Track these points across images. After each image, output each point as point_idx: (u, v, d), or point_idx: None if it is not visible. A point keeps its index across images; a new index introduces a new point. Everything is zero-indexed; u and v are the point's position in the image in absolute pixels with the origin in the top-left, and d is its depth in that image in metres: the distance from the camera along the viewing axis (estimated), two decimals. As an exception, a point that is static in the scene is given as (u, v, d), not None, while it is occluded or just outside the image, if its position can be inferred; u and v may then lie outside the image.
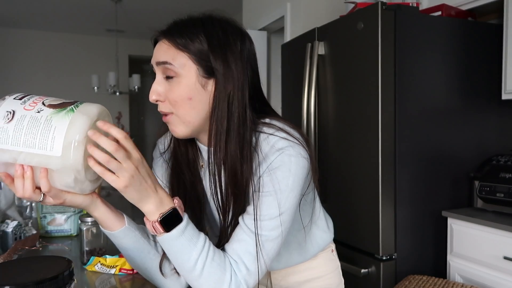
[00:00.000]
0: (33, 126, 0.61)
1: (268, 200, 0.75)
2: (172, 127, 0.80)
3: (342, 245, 1.85)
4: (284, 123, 0.82)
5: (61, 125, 0.61)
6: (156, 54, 0.79)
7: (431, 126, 1.78)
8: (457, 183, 1.86)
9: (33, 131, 0.61)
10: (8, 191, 1.31)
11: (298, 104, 2.06)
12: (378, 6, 1.65)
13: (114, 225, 0.77)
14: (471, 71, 1.88)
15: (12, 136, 0.61)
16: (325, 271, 1.02)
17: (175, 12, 0.85)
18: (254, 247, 0.74)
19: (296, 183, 0.76)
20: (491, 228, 1.59)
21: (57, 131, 0.61)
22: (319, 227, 0.99)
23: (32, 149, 0.61)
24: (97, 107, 0.67)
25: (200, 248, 0.72)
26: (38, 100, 0.65)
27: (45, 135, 0.61)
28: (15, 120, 0.62)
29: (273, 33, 3.48)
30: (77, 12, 4.98)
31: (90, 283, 0.93)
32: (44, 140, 0.61)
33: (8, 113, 0.62)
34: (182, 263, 0.72)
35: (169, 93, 0.77)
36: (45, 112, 0.62)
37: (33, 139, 0.61)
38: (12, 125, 0.61)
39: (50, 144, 0.61)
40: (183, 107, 0.77)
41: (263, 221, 0.74)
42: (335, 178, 1.92)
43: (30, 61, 5.72)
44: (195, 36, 0.77)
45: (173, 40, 0.77)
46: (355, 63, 1.78)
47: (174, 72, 0.76)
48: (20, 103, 0.64)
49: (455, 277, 1.75)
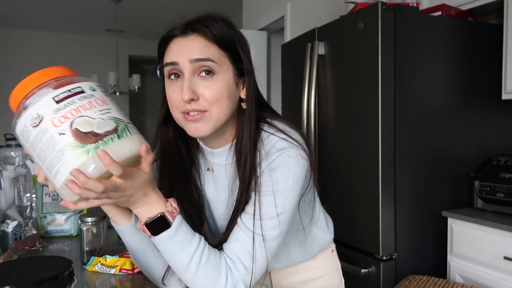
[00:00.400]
0: (48, 148, 0.59)
1: (267, 200, 0.75)
2: (200, 125, 0.76)
3: (342, 245, 1.85)
4: (285, 123, 0.83)
5: (68, 164, 0.58)
6: (194, 50, 0.75)
7: (431, 126, 1.78)
8: (457, 183, 1.86)
9: (47, 152, 0.59)
10: (8, 191, 1.31)
11: (298, 104, 2.06)
12: (378, 6, 1.65)
13: (120, 220, 0.78)
14: (471, 71, 1.87)
15: (31, 141, 0.60)
16: (326, 271, 1.03)
17: (175, 12, 0.84)
18: (252, 246, 0.74)
19: (295, 184, 0.76)
20: (491, 228, 1.59)
21: (63, 168, 0.59)
22: (319, 227, 0.99)
23: (42, 164, 0.61)
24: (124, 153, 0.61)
25: (192, 252, 0.71)
26: (71, 115, 0.60)
27: (53, 163, 0.59)
28: (38, 130, 0.60)
29: (273, 33, 3.48)
30: (77, 12, 4.98)
31: (90, 283, 0.93)
32: (51, 166, 0.60)
33: (37, 117, 0.60)
34: (175, 264, 0.73)
35: (206, 91, 0.75)
36: (64, 140, 0.59)
37: (44, 158, 0.60)
38: (34, 132, 0.60)
39: (54, 173, 0.60)
40: (220, 105, 0.76)
41: (262, 221, 0.75)
42: (335, 178, 1.92)
43: (30, 61, 5.72)
44: (229, 35, 0.78)
45: (212, 37, 0.76)
46: (355, 63, 1.78)
47: (215, 69, 0.75)
48: (54, 110, 0.60)
49: (455, 277, 1.75)
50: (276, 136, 0.79)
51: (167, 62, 0.77)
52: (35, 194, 1.42)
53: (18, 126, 0.62)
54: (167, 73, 0.78)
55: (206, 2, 4.02)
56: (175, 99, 0.77)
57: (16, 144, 1.88)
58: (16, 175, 1.34)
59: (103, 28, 5.63)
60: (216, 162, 0.87)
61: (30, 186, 1.55)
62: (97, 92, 0.65)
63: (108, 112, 0.63)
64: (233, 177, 0.82)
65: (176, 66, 0.76)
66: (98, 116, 0.61)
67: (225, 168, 0.86)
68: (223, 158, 0.86)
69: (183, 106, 0.76)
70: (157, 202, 0.71)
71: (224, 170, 0.86)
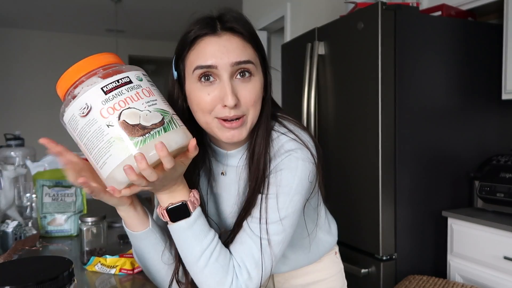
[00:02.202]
0: (95, 138, 0.60)
1: (273, 203, 0.74)
2: (238, 132, 0.74)
3: (343, 245, 1.85)
4: (295, 124, 0.81)
5: (115, 157, 0.59)
6: (233, 52, 0.71)
7: (431, 126, 1.78)
8: (457, 183, 1.86)
9: (95, 142, 0.60)
10: (8, 191, 1.31)
11: (298, 104, 2.06)
12: (378, 6, 1.65)
13: (138, 226, 0.77)
14: (471, 71, 1.87)
15: (79, 131, 0.61)
16: (329, 273, 1.01)
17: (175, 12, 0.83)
18: (257, 251, 0.73)
19: (300, 187, 0.75)
20: (491, 228, 1.59)
21: (110, 159, 0.60)
22: (323, 230, 0.98)
23: (89, 153, 0.62)
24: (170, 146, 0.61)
25: (205, 246, 0.71)
26: (118, 107, 0.60)
27: (101, 153, 0.60)
28: (86, 120, 0.60)
29: (273, 33, 3.48)
30: (77, 12, 4.98)
31: (90, 283, 0.93)
32: (99, 156, 0.60)
33: (86, 107, 0.60)
34: (186, 255, 0.73)
35: (247, 94, 0.73)
36: (112, 132, 0.59)
37: (92, 148, 0.61)
38: (82, 122, 0.60)
39: (101, 163, 0.61)
40: (256, 108, 0.75)
41: (267, 225, 0.74)
42: (335, 178, 1.92)
43: (30, 61, 5.72)
44: (256, 33, 0.77)
45: (249, 35, 0.74)
46: (355, 63, 1.78)
47: (253, 71, 0.74)
48: (102, 100, 0.60)
49: (455, 277, 1.75)
50: (286, 136, 0.77)
51: (202, 65, 0.71)
52: (35, 194, 1.42)
53: (66, 115, 0.62)
54: (197, 76, 0.72)
55: (206, 2, 4.01)
56: (209, 104, 0.72)
57: (16, 144, 1.88)
58: (16, 175, 1.34)
59: (103, 28, 5.63)
60: (229, 163, 0.85)
61: (30, 186, 1.55)
62: (143, 82, 0.65)
63: (154, 103, 0.63)
64: (245, 179, 0.81)
65: (213, 69, 0.71)
66: (145, 108, 0.61)
67: (236, 170, 0.83)
68: (237, 159, 0.83)
69: (220, 112, 0.72)
70: (182, 190, 0.71)
71: (235, 172, 0.84)
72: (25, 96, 5.68)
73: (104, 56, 0.66)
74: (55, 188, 1.35)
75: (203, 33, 0.72)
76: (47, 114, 5.79)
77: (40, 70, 5.76)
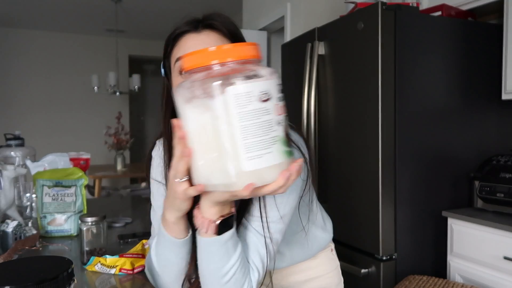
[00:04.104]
0: (261, 128, 0.55)
1: (271, 202, 0.75)
2: None
3: (342, 245, 1.85)
4: None
5: (274, 157, 0.56)
6: (210, 44, 0.73)
7: (431, 126, 1.78)
8: (457, 183, 1.86)
9: (258, 131, 0.55)
10: (8, 191, 1.31)
11: (298, 104, 2.06)
12: (378, 6, 1.65)
13: (182, 233, 0.74)
14: (471, 71, 1.88)
15: (247, 110, 0.54)
16: (325, 270, 1.03)
17: (175, 12, 0.84)
18: (262, 249, 0.74)
19: (294, 185, 0.76)
20: (491, 228, 1.59)
21: (268, 156, 0.55)
22: (318, 227, 1.00)
23: (239, 135, 0.54)
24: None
25: (238, 255, 0.70)
26: (281, 111, 0.58)
27: (260, 145, 0.55)
28: (262, 106, 0.55)
29: (273, 33, 3.48)
30: (77, 12, 4.98)
31: (90, 283, 0.93)
32: (256, 146, 0.54)
33: (267, 94, 0.56)
34: (214, 269, 0.69)
35: None
36: (279, 131, 0.57)
37: (248, 134, 0.54)
38: (257, 105, 0.54)
39: (254, 155, 0.55)
40: None
41: (268, 223, 0.75)
42: (335, 178, 1.92)
43: (30, 61, 5.72)
44: (239, 32, 0.78)
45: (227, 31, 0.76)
46: (355, 63, 1.78)
47: None
48: (278, 97, 0.57)
49: (455, 277, 1.75)
50: None
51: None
52: (35, 194, 1.42)
53: (240, 86, 0.54)
54: (178, 69, 0.76)
55: (206, 2, 4.02)
56: None
57: (16, 144, 1.88)
58: (16, 175, 1.34)
59: (103, 28, 5.63)
60: None
61: (30, 186, 1.55)
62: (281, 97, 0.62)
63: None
64: None
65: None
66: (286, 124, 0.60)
67: None
68: None
69: None
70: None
71: None
72: (25, 96, 5.68)
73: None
74: (55, 188, 1.35)
75: (185, 30, 0.76)
76: (47, 114, 5.79)
77: (40, 70, 5.76)
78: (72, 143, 5.67)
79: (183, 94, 0.57)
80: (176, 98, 0.59)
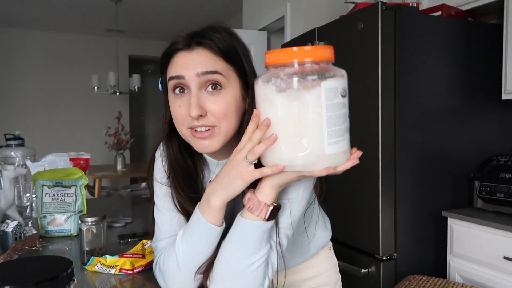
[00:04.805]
0: (339, 119, 0.64)
1: (283, 210, 0.76)
2: (209, 142, 0.75)
3: (342, 245, 1.85)
4: None
5: (346, 143, 0.66)
6: (200, 63, 0.73)
7: (431, 126, 1.78)
8: (457, 183, 1.86)
9: (337, 122, 0.64)
10: (8, 191, 1.31)
11: (298, 104, 2.05)
12: (378, 6, 1.65)
13: (221, 221, 0.74)
14: (471, 71, 1.87)
15: (333, 104, 0.63)
16: (324, 268, 1.04)
17: (175, 12, 0.84)
18: (273, 257, 0.75)
19: (306, 193, 0.79)
20: (491, 228, 1.59)
21: (343, 143, 0.65)
22: (318, 227, 1.01)
23: (321, 124, 0.62)
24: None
25: (267, 249, 0.72)
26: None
27: (337, 133, 0.64)
28: (342, 101, 0.64)
29: (273, 33, 3.48)
30: (77, 12, 4.98)
31: (90, 283, 0.93)
32: (334, 134, 0.63)
33: (345, 91, 0.65)
34: (244, 255, 0.70)
35: (214, 106, 0.73)
36: (348, 123, 0.68)
37: (331, 123, 0.63)
38: (339, 100, 0.64)
39: (333, 141, 0.63)
40: (229, 120, 0.75)
41: (279, 229, 0.76)
42: (335, 178, 1.91)
43: (30, 61, 5.72)
44: (233, 47, 0.77)
45: (218, 50, 0.75)
46: (355, 63, 1.78)
47: (222, 83, 0.74)
48: (347, 95, 0.67)
49: (455, 277, 1.75)
50: None
51: (172, 75, 0.75)
52: (35, 194, 1.42)
53: (330, 82, 0.63)
54: (171, 87, 0.76)
55: (206, 2, 4.02)
56: (181, 115, 0.75)
57: (16, 144, 1.88)
58: (16, 175, 1.34)
59: (103, 28, 5.63)
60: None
61: (30, 186, 1.54)
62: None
63: None
64: None
65: (182, 80, 0.74)
66: None
67: None
68: None
69: (190, 122, 0.74)
70: None
71: None
72: (25, 96, 5.68)
73: None
74: (55, 188, 1.35)
75: (178, 48, 0.76)
76: (47, 114, 5.79)
77: (40, 70, 5.76)
78: (72, 143, 5.66)
79: (278, 84, 0.62)
80: (263, 87, 0.64)
